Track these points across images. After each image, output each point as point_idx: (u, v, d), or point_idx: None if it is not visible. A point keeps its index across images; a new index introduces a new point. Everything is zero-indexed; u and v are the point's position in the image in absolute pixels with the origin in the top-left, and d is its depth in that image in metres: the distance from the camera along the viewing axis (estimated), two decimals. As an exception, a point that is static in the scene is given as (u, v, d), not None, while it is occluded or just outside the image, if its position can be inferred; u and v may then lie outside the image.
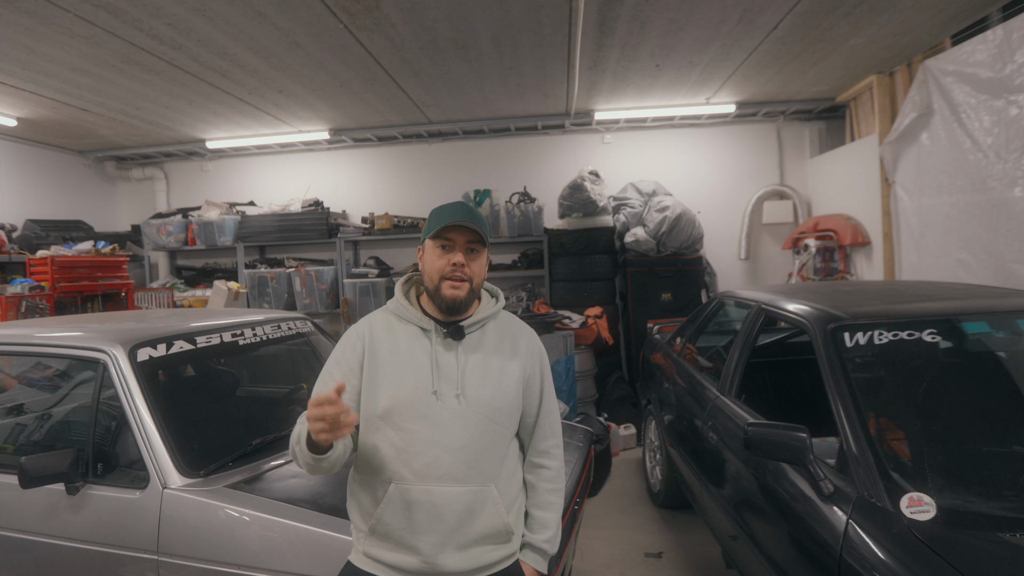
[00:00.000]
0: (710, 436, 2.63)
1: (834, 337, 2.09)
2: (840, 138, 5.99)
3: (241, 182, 7.06)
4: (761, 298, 2.81)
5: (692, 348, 3.53)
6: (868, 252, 5.10)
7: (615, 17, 3.60)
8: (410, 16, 3.46)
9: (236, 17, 3.39)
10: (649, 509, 3.78)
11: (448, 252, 1.38)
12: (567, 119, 6.00)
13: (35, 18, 3.32)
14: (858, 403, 1.87)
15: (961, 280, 3.86)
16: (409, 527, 1.31)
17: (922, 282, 3.25)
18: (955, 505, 1.60)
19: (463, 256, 1.38)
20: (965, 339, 2.22)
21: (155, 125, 5.70)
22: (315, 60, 4.12)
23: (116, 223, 7.25)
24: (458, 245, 1.38)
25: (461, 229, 1.37)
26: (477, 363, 1.40)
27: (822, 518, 1.72)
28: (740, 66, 4.61)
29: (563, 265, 5.83)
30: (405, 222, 6.27)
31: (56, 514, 1.95)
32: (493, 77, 4.69)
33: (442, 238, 1.38)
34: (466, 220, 1.35)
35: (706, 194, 6.25)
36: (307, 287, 6.15)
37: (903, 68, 4.63)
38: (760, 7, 3.53)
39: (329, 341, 3.09)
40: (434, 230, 1.37)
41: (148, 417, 1.96)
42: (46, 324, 2.60)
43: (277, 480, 1.96)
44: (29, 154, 6.21)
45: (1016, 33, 3.31)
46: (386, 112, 5.62)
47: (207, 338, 2.40)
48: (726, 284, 6.14)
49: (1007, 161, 3.45)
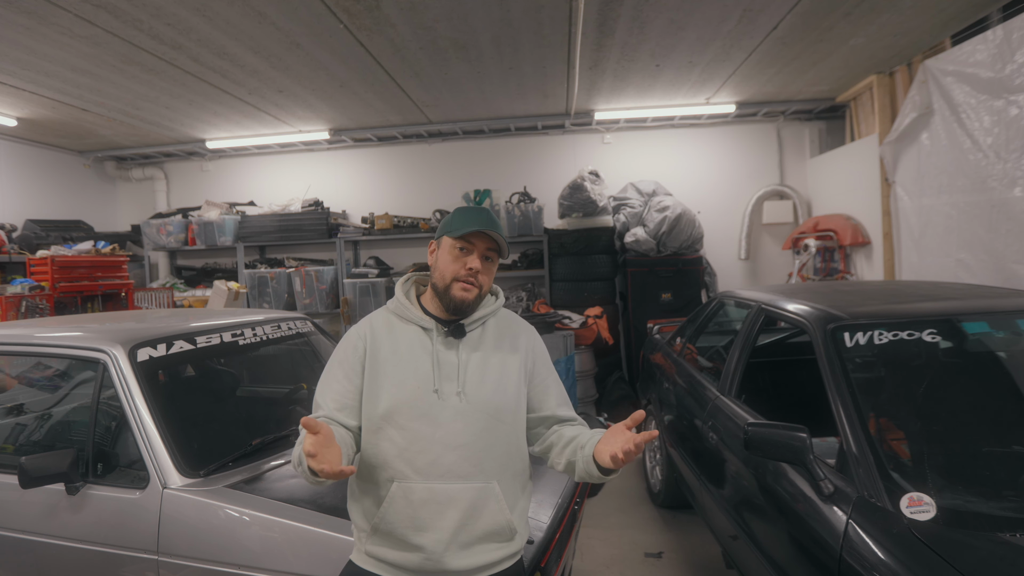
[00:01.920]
0: (710, 436, 2.63)
1: (834, 337, 2.09)
2: (840, 138, 5.99)
3: (241, 182, 7.06)
4: (761, 298, 2.81)
5: (692, 348, 3.53)
6: (868, 252, 5.10)
7: (615, 17, 3.60)
8: (410, 16, 3.46)
9: (236, 17, 3.39)
10: (649, 509, 3.78)
11: (466, 255, 1.39)
12: (567, 119, 6.00)
13: (35, 18, 3.32)
14: (858, 403, 1.87)
15: (961, 280, 3.86)
16: (412, 525, 1.32)
17: (922, 282, 3.25)
18: (955, 505, 1.60)
19: (480, 262, 1.39)
20: (965, 339, 2.22)
21: (155, 125, 5.70)
22: (315, 60, 4.12)
23: (116, 223, 7.25)
24: (477, 250, 1.40)
25: (483, 236, 1.39)
26: (478, 361, 1.40)
27: (822, 518, 1.72)
28: (740, 66, 4.61)
29: (563, 265, 5.83)
30: (405, 222, 6.27)
31: (56, 514, 1.95)
32: (493, 77, 4.69)
33: (464, 240, 1.39)
34: (491, 229, 1.37)
35: (706, 194, 6.25)
36: (307, 287, 6.15)
37: (903, 68, 4.63)
38: (760, 7, 3.53)
39: (329, 341, 3.09)
40: (460, 231, 1.37)
41: (148, 417, 1.96)
42: (46, 324, 2.60)
43: (277, 480, 1.96)
44: (29, 154, 6.21)
45: (1016, 33, 3.31)
46: (386, 112, 5.62)
47: (207, 338, 2.40)
48: (726, 284, 6.14)
49: (1007, 161, 3.45)
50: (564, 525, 1.99)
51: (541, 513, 1.94)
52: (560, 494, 2.12)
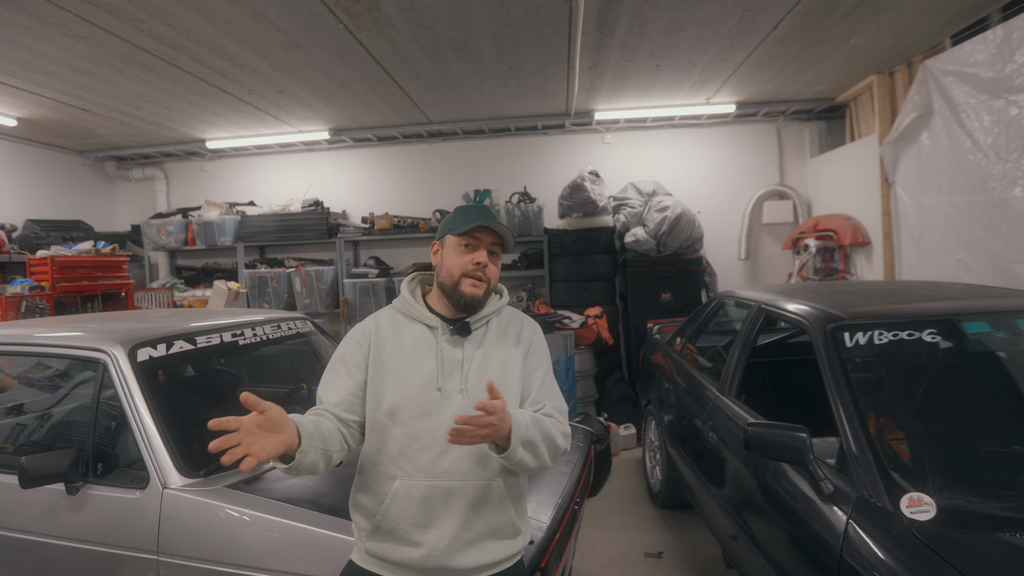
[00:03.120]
0: (710, 436, 2.63)
1: (834, 337, 2.09)
2: (840, 138, 5.99)
3: (241, 182, 7.06)
4: (761, 298, 2.81)
5: (692, 348, 3.53)
6: (868, 252, 5.10)
7: (615, 17, 3.60)
8: (410, 16, 3.46)
9: (236, 17, 3.39)
10: (649, 509, 3.78)
11: (472, 251, 1.41)
12: (567, 119, 6.00)
13: (35, 18, 3.32)
14: (858, 403, 1.87)
15: (961, 280, 3.86)
16: (415, 523, 1.32)
17: (922, 282, 3.25)
18: (955, 505, 1.60)
19: (486, 256, 1.41)
20: (965, 339, 2.22)
21: (155, 125, 5.70)
22: (315, 60, 4.12)
23: (116, 223, 7.25)
24: (483, 245, 1.42)
25: (487, 230, 1.41)
26: (481, 359, 1.41)
27: (822, 518, 1.72)
28: (740, 66, 4.61)
29: (563, 265, 5.83)
30: (405, 222, 6.27)
31: (56, 514, 1.95)
32: (493, 77, 4.69)
33: (468, 236, 1.40)
34: (495, 223, 1.40)
35: (706, 194, 6.25)
36: (307, 287, 6.15)
37: (903, 68, 4.63)
38: (760, 7, 3.53)
39: (329, 341, 3.09)
40: (464, 228, 1.39)
41: (148, 417, 1.96)
42: (46, 324, 2.60)
43: (277, 480, 1.96)
44: (29, 154, 6.21)
45: (1016, 33, 3.31)
46: (386, 112, 5.62)
47: (207, 338, 2.40)
48: (726, 284, 6.14)
49: (1007, 161, 3.45)
50: (564, 525, 1.99)
51: (541, 513, 1.94)
52: (560, 494, 2.13)
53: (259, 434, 1.11)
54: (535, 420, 1.30)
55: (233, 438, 1.08)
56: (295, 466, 1.20)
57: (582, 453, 2.63)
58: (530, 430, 1.26)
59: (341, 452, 1.34)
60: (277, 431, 1.14)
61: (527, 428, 1.26)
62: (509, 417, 1.22)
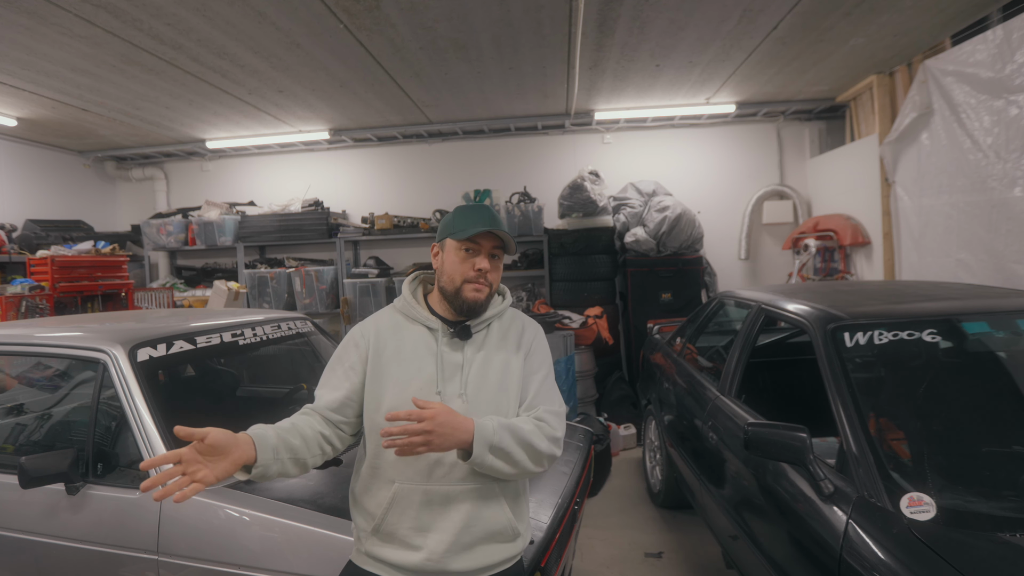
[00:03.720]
0: (710, 436, 2.63)
1: (834, 337, 2.09)
2: (840, 138, 5.99)
3: (241, 182, 7.06)
4: (761, 298, 2.81)
5: (692, 348, 3.53)
6: (868, 252, 5.10)
7: (615, 17, 3.60)
8: (410, 16, 3.46)
9: (236, 17, 3.39)
10: (649, 509, 3.78)
11: (473, 256, 1.39)
12: (567, 119, 6.00)
13: (35, 18, 3.32)
14: (858, 403, 1.87)
15: (961, 280, 3.86)
16: (414, 526, 1.32)
17: (922, 282, 3.25)
18: (955, 505, 1.60)
19: (487, 261, 1.39)
20: (965, 339, 2.22)
21: (155, 125, 5.70)
22: (315, 60, 4.12)
23: (116, 223, 7.25)
24: (484, 250, 1.39)
25: (488, 234, 1.38)
26: (482, 362, 1.40)
27: (822, 518, 1.72)
28: (740, 66, 4.61)
29: (563, 265, 5.83)
30: (405, 222, 6.27)
31: (56, 514, 1.95)
32: (493, 77, 4.69)
33: (469, 240, 1.38)
34: (495, 227, 1.36)
35: (706, 194, 6.25)
36: (307, 287, 6.15)
37: (903, 68, 4.63)
38: (760, 7, 3.53)
39: (329, 341, 3.09)
40: (464, 233, 1.36)
41: (148, 417, 1.96)
42: (46, 324, 2.60)
43: (277, 480, 1.96)
44: (29, 154, 6.21)
45: (1016, 33, 3.31)
46: (386, 112, 5.62)
47: (207, 338, 2.40)
48: (726, 284, 6.14)
49: (1007, 161, 3.45)
50: (564, 525, 1.99)
51: (541, 513, 1.94)
52: (560, 494, 2.13)
53: (202, 461, 1.13)
54: (508, 426, 1.27)
55: (174, 470, 1.11)
56: (256, 477, 1.22)
57: (582, 453, 2.63)
58: (499, 436, 1.24)
59: (320, 456, 1.35)
60: (223, 453, 1.15)
61: (494, 434, 1.24)
62: (466, 424, 1.22)
